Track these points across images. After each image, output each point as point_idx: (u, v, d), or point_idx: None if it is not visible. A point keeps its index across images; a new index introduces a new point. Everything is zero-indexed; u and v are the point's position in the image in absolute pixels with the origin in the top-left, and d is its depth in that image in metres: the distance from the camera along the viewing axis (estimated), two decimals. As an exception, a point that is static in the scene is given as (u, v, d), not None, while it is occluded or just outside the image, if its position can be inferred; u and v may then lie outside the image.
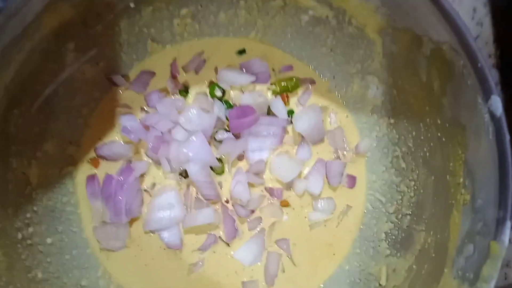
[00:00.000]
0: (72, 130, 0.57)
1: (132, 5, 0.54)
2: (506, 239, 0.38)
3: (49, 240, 0.51)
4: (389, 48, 0.53)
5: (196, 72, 0.63)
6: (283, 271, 0.59)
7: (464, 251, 0.42)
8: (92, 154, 0.58)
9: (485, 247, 0.39)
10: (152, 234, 0.57)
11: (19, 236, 0.48)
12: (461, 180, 0.45)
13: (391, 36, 0.52)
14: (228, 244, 0.58)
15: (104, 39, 0.56)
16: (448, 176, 0.48)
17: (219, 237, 0.58)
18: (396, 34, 0.51)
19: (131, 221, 0.57)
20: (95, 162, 0.58)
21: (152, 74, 0.62)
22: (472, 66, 0.41)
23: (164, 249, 0.57)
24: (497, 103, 0.39)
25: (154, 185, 0.59)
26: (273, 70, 0.64)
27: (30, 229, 0.49)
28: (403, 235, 0.55)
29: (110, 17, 0.54)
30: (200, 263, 0.57)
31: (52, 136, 0.54)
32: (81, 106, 0.58)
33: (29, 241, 0.49)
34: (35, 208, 0.51)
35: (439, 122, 0.49)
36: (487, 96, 0.40)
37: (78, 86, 0.56)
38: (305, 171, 0.61)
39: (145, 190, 0.58)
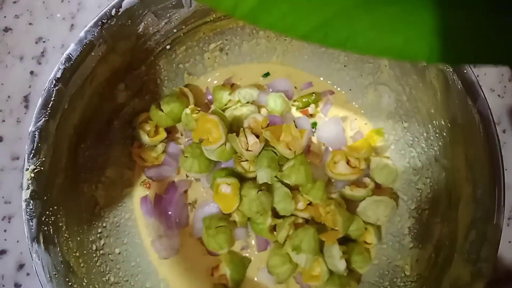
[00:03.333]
0: (127, 157, 0.66)
1: (167, 47, 0.64)
2: (500, 222, 0.43)
3: (117, 250, 0.61)
4: (393, 60, 0.59)
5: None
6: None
7: (469, 237, 0.47)
8: (143, 177, 0.67)
9: (484, 231, 0.44)
10: (197, 240, 0.66)
11: (94, 247, 0.58)
12: (465, 174, 0.50)
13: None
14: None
15: (148, 77, 0.65)
16: (455, 172, 0.53)
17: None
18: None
19: (180, 231, 0.66)
20: (147, 184, 0.67)
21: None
22: (458, 72, 0.46)
23: (204, 254, 0.65)
24: (484, 104, 0.45)
25: (196, 200, 0.67)
26: (295, 87, 0.72)
27: (102, 241, 0.59)
28: (424, 228, 0.60)
29: (150, 58, 0.64)
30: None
31: (112, 164, 0.64)
32: (133, 135, 0.68)
33: (101, 251, 0.59)
34: (104, 224, 0.61)
35: (443, 123, 0.54)
36: (474, 98, 0.45)
37: (130, 119, 0.66)
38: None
39: (189, 204, 0.67)
